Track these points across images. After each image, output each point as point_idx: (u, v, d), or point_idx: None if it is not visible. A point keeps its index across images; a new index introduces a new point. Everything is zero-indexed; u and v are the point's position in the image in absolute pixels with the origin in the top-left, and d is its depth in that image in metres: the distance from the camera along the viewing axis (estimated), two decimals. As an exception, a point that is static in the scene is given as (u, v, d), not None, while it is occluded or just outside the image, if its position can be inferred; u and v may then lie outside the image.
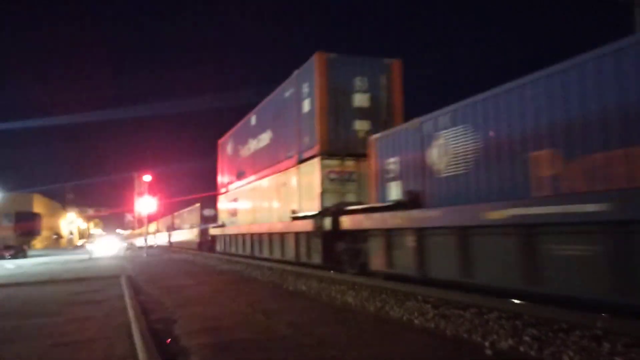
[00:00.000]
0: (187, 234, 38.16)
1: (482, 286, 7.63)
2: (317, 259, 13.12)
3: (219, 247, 26.55)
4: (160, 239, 56.78)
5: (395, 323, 6.47)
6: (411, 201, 9.70)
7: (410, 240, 9.42)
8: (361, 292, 9.29)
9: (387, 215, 10.19)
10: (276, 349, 5.18)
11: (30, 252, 38.89)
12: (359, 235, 11.35)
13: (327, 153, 12.91)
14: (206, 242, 31.10)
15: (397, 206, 10.03)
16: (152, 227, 63.01)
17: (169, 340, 5.74)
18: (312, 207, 13.28)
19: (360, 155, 12.54)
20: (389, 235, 10.16)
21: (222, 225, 25.38)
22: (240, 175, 21.74)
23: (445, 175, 9.09)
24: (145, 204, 33.78)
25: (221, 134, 26.34)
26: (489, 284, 7.55)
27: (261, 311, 7.37)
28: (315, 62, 13.31)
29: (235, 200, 22.88)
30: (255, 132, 19.23)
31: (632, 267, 5.56)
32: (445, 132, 9.20)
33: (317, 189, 13.08)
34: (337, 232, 12.21)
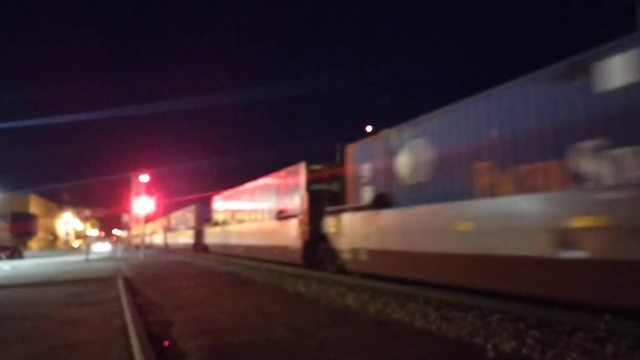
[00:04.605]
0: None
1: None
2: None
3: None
4: (157, 239, 56.59)
5: (397, 325, 6.41)
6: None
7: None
8: (361, 294, 9.23)
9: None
10: (275, 351, 5.11)
11: (26, 253, 38.67)
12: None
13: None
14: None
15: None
16: (150, 228, 62.78)
17: (167, 342, 5.66)
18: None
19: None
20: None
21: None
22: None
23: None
24: (142, 204, 33.62)
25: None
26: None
27: (260, 313, 7.30)
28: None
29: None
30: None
31: None
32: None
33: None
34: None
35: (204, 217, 31.85)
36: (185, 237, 37.03)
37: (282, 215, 17.14)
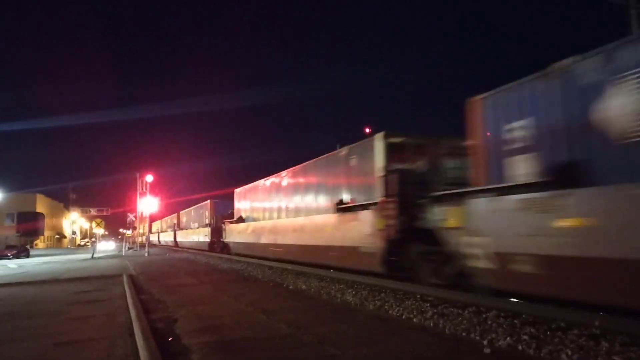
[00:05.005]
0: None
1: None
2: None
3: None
4: (164, 238, 56.80)
5: (395, 321, 6.50)
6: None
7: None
8: (360, 291, 9.33)
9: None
10: (277, 347, 5.20)
11: (32, 252, 39.03)
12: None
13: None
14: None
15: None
16: (157, 226, 63.11)
17: (171, 339, 5.78)
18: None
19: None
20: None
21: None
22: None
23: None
24: (147, 203, 33.86)
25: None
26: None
27: (262, 310, 7.40)
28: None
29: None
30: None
31: None
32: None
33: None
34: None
35: (222, 213, 29.54)
36: (198, 235, 34.79)
37: (345, 206, 13.00)
